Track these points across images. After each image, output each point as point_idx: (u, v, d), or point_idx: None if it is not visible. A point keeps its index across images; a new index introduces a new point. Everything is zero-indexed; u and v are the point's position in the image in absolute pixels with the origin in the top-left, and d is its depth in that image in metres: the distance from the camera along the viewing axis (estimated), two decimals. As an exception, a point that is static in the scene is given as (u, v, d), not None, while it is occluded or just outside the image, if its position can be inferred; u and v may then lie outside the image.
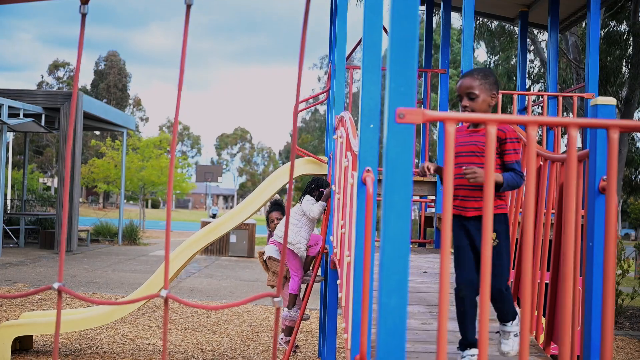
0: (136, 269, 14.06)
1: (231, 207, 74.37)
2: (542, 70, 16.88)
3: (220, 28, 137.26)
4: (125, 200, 58.94)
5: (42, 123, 16.52)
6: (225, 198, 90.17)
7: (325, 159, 6.44)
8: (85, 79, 63.91)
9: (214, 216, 42.62)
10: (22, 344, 6.82)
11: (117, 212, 47.76)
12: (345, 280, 3.88)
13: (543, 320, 3.83)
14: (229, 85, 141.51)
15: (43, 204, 22.16)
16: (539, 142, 6.69)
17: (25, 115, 16.16)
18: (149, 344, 7.40)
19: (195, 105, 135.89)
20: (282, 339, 6.07)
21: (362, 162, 2.93)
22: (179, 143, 33.31)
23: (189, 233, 29.53)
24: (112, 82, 60.70)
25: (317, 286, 9.26)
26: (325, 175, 6.41)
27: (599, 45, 5.79)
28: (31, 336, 6.89)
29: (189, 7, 2.03)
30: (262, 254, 5.93)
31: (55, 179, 52.65)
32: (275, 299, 2.20)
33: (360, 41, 7.72)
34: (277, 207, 6.00)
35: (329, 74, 6.61)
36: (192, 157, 74.65)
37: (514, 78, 18.52)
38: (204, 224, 18.62)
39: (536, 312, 3.80)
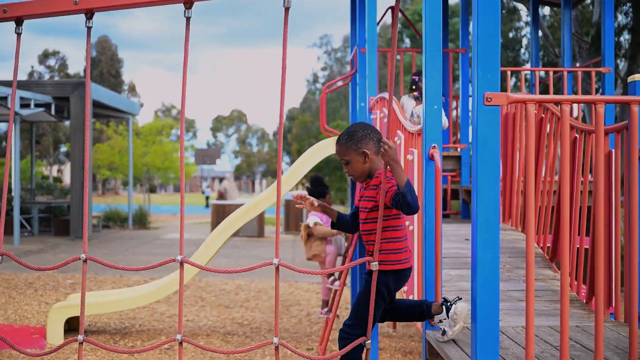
0: (155, 252, 14.41)
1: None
2: (541, 42, 17.19)
3: (204, 10, 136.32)
4: (123, 186, 59.24)
5: (52, 112, 16.76)
6: (221, 180, 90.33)
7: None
8: (78, 66, 63.72)
9: (207, 198, 43.12)
10: (70, 325, 7.15)
11: (116, 198, 48.11)
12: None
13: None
14: (217, 68, 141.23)
15: (45, 192, 22.45)
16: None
17: (36, 105, 16.38)
18: (188, 320, 7.76)
19: (187, 89, 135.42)
20: (321, 311, 6.45)
21: (428, 139, 3.26)
22: (175, 128, 33.72)
23: (195, 216, 29.88)
24: (105, 68, 60.53)
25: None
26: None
27: (613, 19, 6.09)
28: (78, 317, 7.22)
29: (188, 19, 2.41)
30: (306, 226, 6.27)
31: (54, 167, 52.78)
32: (373, 263, 2.58)
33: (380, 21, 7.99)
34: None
35: (355, 56, 6.91)
36: (188, 140, 74.79)
37: (510, 51, 18.87)
38: (215, 206, 18.96)
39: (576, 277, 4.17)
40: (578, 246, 4.38)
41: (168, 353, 6.32)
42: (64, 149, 51.91)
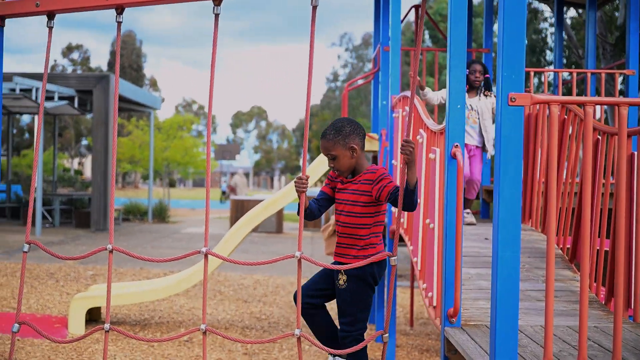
0: (173, 245, 14.53)
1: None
2: (564, 43, 17.11)
3: (225, 6, 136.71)
4: (143, 180, 59.62)
5: (75, 105, 16.94)
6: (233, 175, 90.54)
7: (376, 135, 6.80)
8: (100, 59, 64.20)
9: (223, 193, 43.59)
10: (90, 315, 7.25)
11: (136, 191, 48.51)
12: (422, 245, 4.25)
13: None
14: (237, 64, 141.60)
15: (66, 184, 22.62)
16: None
17: (59, 98, 16.57)
18: (207, 313, 7.82)
19: (208, 84, 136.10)
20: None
21: (451, 138, 3.28)
22: (195, 123, 33.94)
23: (214, 211, 30.02)
24: (127, 62, 60.96)
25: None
26: (377, 151, 6.79)
27: (639, 20, 6.06)
28: (99, 307, 7.32)
29: (217, 16, 2.45)
30: None
31: (75, 160, 53.28)
32: (392, 258, 2.62)
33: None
34: None
35: (378, 54, 6.93)
36: (208, 135, 74.87)
37: (537, 51, 18.78)
38: (234, 201, 19.07)
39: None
40: (598, 248, 4.38)
41: (187, 345, 6.39)
42: (85, 142, 52.37)
